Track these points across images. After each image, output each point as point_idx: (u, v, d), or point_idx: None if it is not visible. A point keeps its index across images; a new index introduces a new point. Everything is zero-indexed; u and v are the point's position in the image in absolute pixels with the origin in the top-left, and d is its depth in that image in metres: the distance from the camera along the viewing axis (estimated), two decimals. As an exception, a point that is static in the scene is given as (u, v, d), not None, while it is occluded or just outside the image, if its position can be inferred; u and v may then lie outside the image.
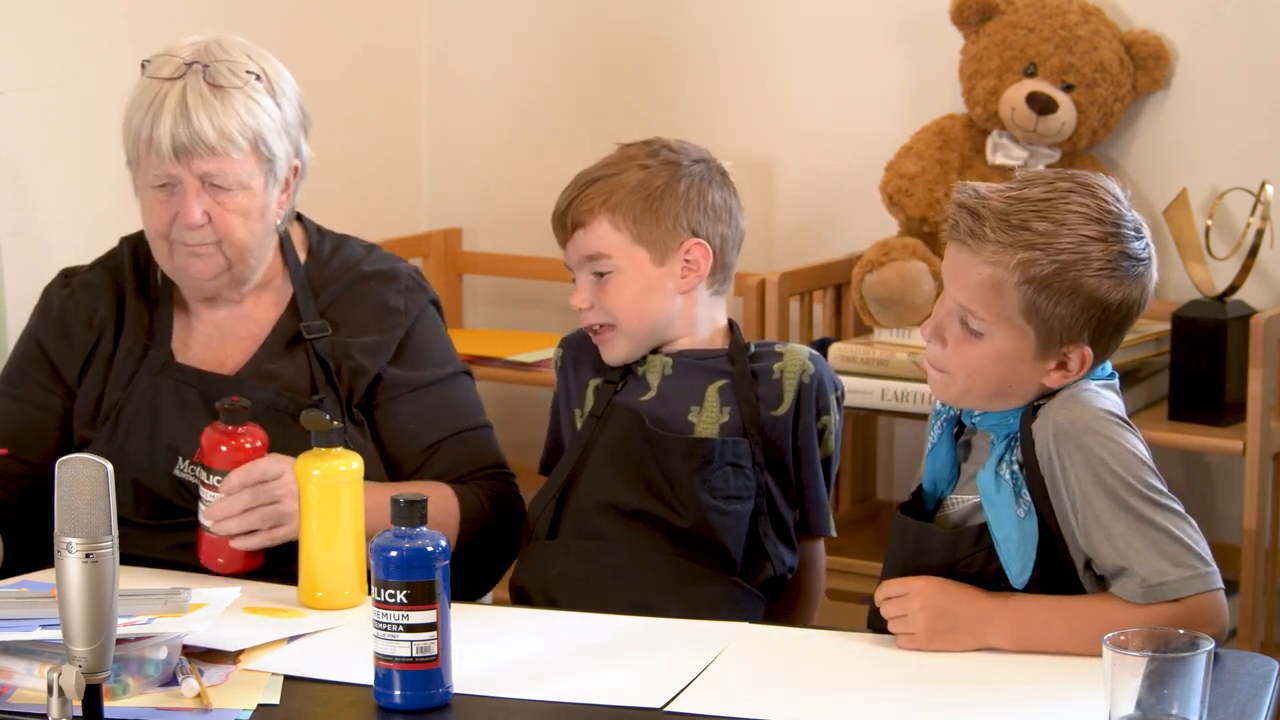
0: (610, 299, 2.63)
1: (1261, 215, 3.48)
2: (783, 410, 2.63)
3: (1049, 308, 2.23)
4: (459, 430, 2.78)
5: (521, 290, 4.37)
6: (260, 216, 2.67)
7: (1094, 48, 3.62)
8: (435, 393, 2.77)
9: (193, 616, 2.24)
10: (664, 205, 2.62)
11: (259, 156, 2.64)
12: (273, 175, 2.67)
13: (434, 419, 2.76)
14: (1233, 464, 3.62)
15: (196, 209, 2.61)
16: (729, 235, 2.67)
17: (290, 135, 2.69)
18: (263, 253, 2.71)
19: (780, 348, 2.67)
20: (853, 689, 2.17)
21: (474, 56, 4.35)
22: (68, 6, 3.55)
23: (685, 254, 2.63)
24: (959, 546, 2.29)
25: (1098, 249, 2.23)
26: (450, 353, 2.83)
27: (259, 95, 2.64)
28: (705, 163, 2.67)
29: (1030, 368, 2.27)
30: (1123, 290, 2.24)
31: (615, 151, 2.69)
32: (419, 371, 2.76)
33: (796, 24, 4.01)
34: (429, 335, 2.80)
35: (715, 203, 2.65)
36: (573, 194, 2.65)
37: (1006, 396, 2.29)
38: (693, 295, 2.65)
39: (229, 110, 2.61)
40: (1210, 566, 2.21)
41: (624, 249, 2.62)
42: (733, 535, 2.58)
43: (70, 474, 1.93)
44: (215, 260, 2.66)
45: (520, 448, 4.42)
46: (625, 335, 2.64)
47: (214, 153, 2.60)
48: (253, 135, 2.62)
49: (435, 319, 2.82)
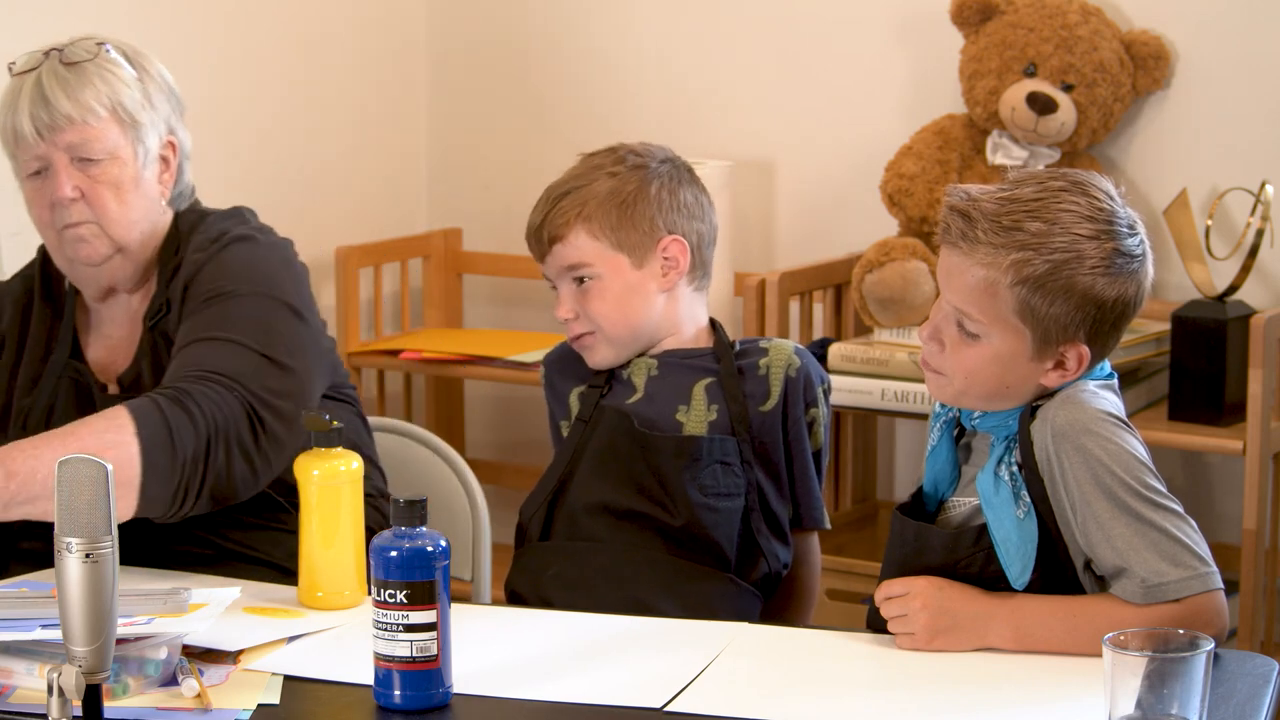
0: (594, 306, 2.64)
1: (1261, 215, 3.48)
2: (771, 405, 2.63)
3: (1044, 307, 2.23)
4: (208, 337, 2.59)
5: (521, 290, 4.37)
6: (134, 188, 2.65)
7: (1094, 48, 3.62)
8: (219, 305, 2.62)
9: (193, 616, 2.24)
10: (638, 210, 2.63)
11: (121, 123, 2.63)
12: (141, 145, 2.65)
13: (196, 328, 2.60)
14: (1233, 464, 3.63)
15: (66, 183, 2.61)
16: (704, 231, 2.68)
17: (156, 107, 2.68)
18: (147, 230, 2.68)
19: (765, 343, 2.67)
20: (852, 689, 2.17)
21: (474, 57, 4.35)
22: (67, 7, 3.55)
23: (664, 252, 2.64)
24: (958, 547, 2.29)
25: (1091, 247, 2.23)
26: (263, 280, 2.64)
27: (114, 66, 2.65)
28: (671, 162, 2.68)
29: (1028, 368, 2.27)
30: (1118, 287, 2.24)
31: (580, 162, 2.70)
32: (210, 285, 2.63)
33: (796, 24, 4.02)
34: (236, 259, 2.66)
35: (687, 201, 2.66)
36: (545, 209, 2.66)
37: (1005, 397, 2.29)
38: (675, 294, 2.66)
39: (84, 81, 2.62)
40: (1210, 567, 2.21)
41: (604, 256, 2.63)
42: (725, 533, 2.58)
43: (70, 474, 1.93)
44: (101, 242, 2.64)
45: (518, 447, 4.44)
46: (608, 341, 2.65)
47: (72, 122, 2.60)
48: (110, 101, 2.62)
49: (253, 249, 2.68)
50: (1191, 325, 3.44)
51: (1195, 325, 3.43)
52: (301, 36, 4.18)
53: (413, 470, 3.00)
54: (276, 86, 4.17)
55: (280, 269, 2.69)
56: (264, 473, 2.56)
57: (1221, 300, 3.46)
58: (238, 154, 4.10)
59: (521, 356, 3.98)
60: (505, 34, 4.31)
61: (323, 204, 4.30)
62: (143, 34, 3.44)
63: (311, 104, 4.26)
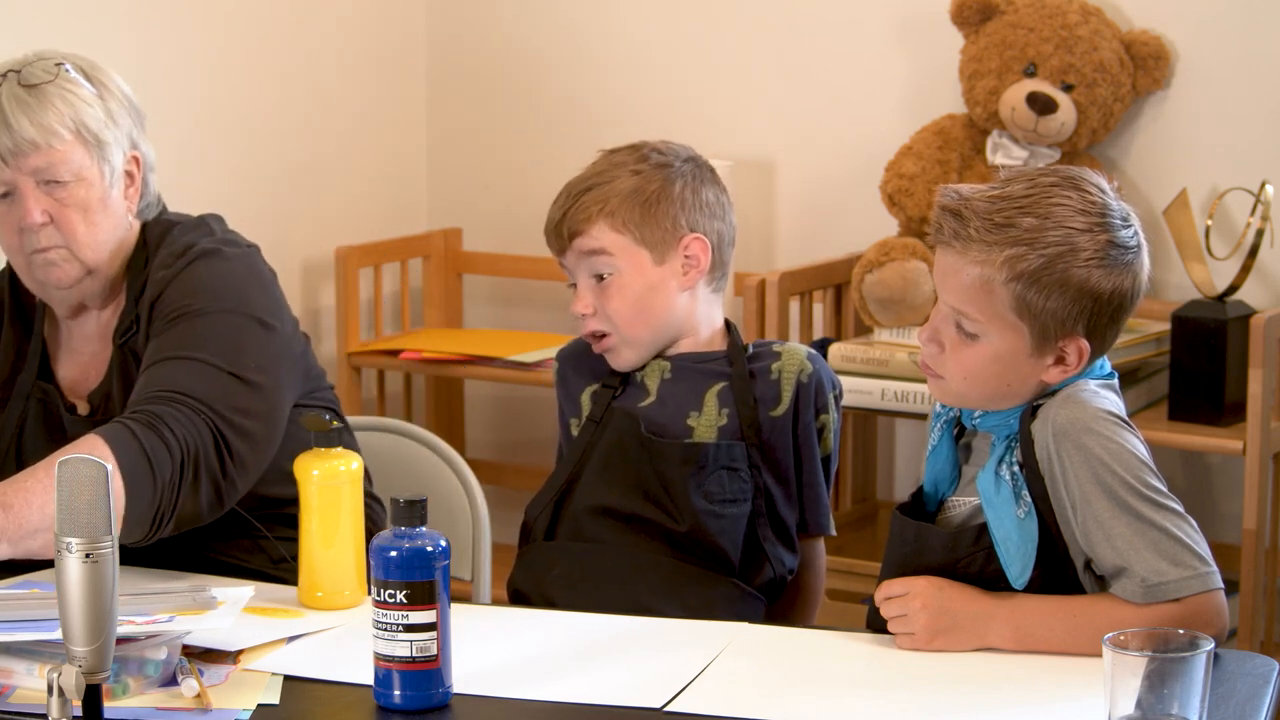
0: (613, 303, 2.62)
1: (1261, 215, 3.48)
2: (781, 410, 2.62)
3: (1040, 302, 2.23)
4: (175, 356, 2.57)
5: (521, 290, 4.38)
6: (102, 208, 2.63)
7: (1094, 48, 3.63)
8: (185, 323, 2.60)
9: (216, 613, 2.25)
10: (661, 207, 2.62)
11: (86, 143, 2.61)
12: (107, 164, 2.63)
13: (163, 347, 2.58)
14: (1233, 464, 3.63)
15: (35, 209, 2.58)
16: (724, 231, 2.67)
17: (118, 123, 2.65)
18: (114, 248, 2.66)
19: (778, 347, 2.66)
20: (852, 689, 2.17)
21: (474, 57, 4.35)
22: (67, 7, 3.55)
23: (685, 250, 2.63)
24: (958, 546, 2.29)
25: (1085, 239, 2.23)
26: (230, 295, 2.62)
27: (74, 86, 2.61)
28: (694, 160, 2.68)
29: (1028, 365, 2.27)
30: (1114, 279, 2.24)
31: (601, 158, 2.68)
32: (176, 304, 2.61)
33: (796, 24, 4.02)
34: (201, 275, 2.63)
35: (709, 200, 2.66)
36: (567, 204, 2.64)
37: (1006, 397, 2.29)
38: (694, 294, 2.65)
39: (45, 104, 2.59)
40: (1210, 567, 2.21)
41: (625, 249, 2.62)
42: (729, 538, 2.58)
43: (70, 474, 1.93)
44: (71, 265, 2.62)
45: (518, 447, 4.44)
46: (626, 342, 2.64)
47: (37, 147, 2.57)
48: (73, 123, 2.60)
49: (218, 264, 2.65)
50: (1191, 325, 3.44)
51: (1195, 325, 3.43)
52: (301, 36, 4.18)
53: (413, 470, 3.00)
54: (276, 86, 4.17)
55: (246, 281, 2.67)
56: (229, 496, 2.55)
57: (1221, 300, 3.47)
58: (238, 154, 4.10)
59: (521, 356, 3.98)
60: (505, 34, 4.31)
61: (323, 204, 4.30)
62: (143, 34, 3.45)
63: (311, 104, 4.26)
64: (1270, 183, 3.49)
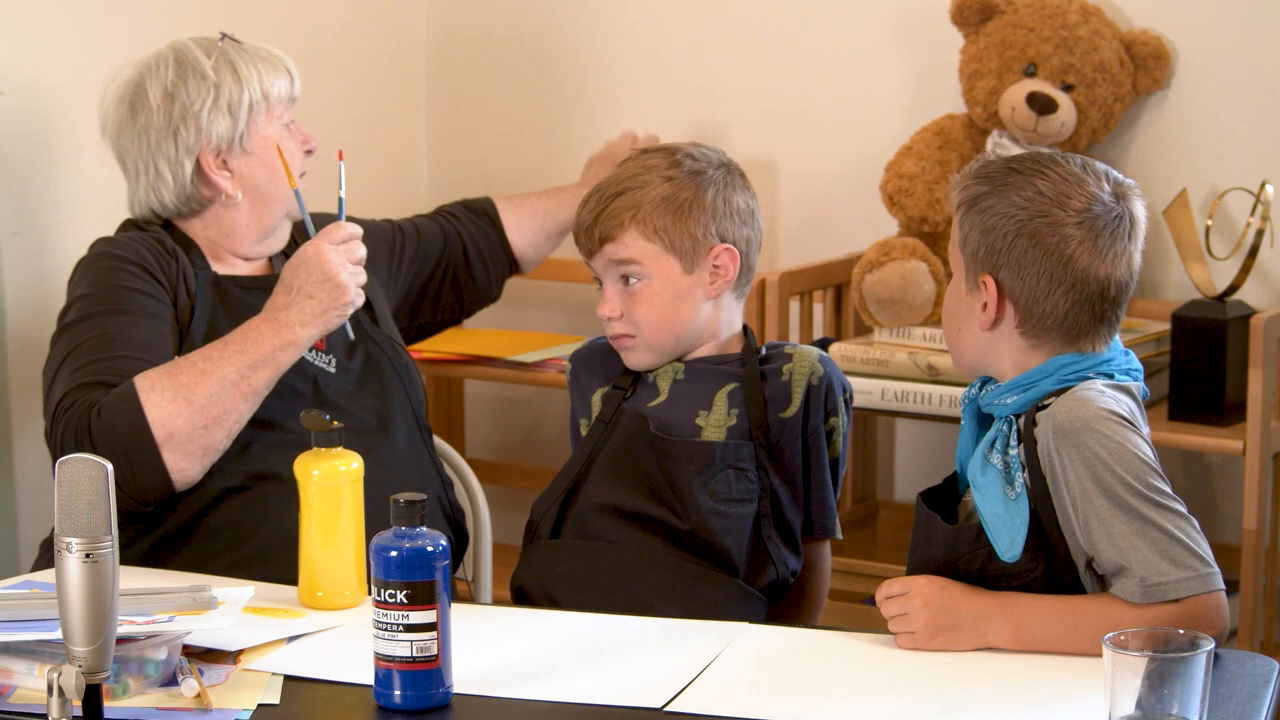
0: (640, 309, 2.63)
1: (1261, 215, 3.47)
2: (791, 412, 2.62)
3: (964, 231, 2.33)
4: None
5: (522, 290, 4.37)
6: None
7: (1094, 48, 3.62)
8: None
9: (216, 613, 2.25)
10: (693, 216, 2.62)
11: None
12: None
13: None
14: (1233, 464, 3.62)
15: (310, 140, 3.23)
16: (753, 238, 2.68)
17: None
18: None
19: (790, 349, 2.66)
20: (852, 689, 2.17)
21: (474, 56, 4.35)
22: (68, 6, 3.55)
23: (714, 260, 2.63)
24: (959, 544, 2.29)
25: (1026, 188, 2.29)
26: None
27: None
28: (726, 167, 2.67)
29: (972, 314, 2.33)
30: (1016, 218, 2.29)
31: (634, 160, 2.67)
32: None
33: (796, 25, 4.01)
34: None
35: (740, 208, 2.66)
36: (599, 208, 2.64)
37: (976, 355, 2.36)
38: (719, 300, 2.66)
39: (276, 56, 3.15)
40: (1211, 568, 2.21)
41: (655, 257, 2.62)
42: (734, 539, 2.58)
43: (70, 474, 1.93)
44: None
45: (519, 447, 4.44)
46: (647, 346, 2.64)
47: None
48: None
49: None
50: (1191, 325, 3.43)
51: (1195, 325, 3.43)
52: (301, 35, 4.17)
53: (413, 470, 3.00)
54: (276, 86, 4.16)
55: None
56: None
57: (1221, 300, 3.46)
58: (238, 154, 4.09)
59: (522, 356, 3.97)
60: (505, 34, 4.31)
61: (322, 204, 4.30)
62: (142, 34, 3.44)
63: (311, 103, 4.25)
64: (1270, 183, 3.48)
